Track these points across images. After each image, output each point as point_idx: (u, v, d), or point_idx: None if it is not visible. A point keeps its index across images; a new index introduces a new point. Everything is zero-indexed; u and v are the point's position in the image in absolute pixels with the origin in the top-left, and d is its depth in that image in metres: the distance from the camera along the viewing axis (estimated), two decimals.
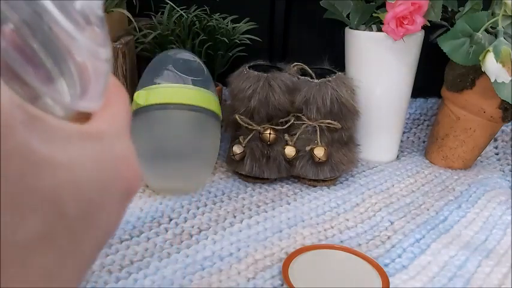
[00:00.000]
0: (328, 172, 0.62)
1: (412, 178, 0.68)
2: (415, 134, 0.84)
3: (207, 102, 0.56)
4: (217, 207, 0.57)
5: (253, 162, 0.62)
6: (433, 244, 0.51)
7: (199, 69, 0.59)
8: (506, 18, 0.60)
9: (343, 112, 0.61)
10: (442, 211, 0.59)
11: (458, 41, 0.62)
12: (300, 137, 0.62)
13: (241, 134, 0.63)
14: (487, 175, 0.71)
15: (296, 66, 0.65)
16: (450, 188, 0.66)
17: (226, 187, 0.62)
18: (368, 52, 0.68)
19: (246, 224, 0.53)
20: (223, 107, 0.64)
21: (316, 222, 0.55)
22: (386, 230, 0.54)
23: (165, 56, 0.59)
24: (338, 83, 0.62)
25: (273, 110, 0.61)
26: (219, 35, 0.71)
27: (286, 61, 0.67)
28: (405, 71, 0.69)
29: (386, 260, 0.48)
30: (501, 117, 0.67)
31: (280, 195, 0.61)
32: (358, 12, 0.69)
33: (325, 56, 0.68)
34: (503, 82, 0.58)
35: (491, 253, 0.50)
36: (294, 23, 0.85)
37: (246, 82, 0.60)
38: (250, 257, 0.47)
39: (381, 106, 0.71)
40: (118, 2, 0.67)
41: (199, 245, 0.48)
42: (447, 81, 0.71)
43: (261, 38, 0.78)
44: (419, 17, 0.61)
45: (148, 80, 0.57)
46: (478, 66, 0.60)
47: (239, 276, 0.44)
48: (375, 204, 0.60)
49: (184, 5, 0.73)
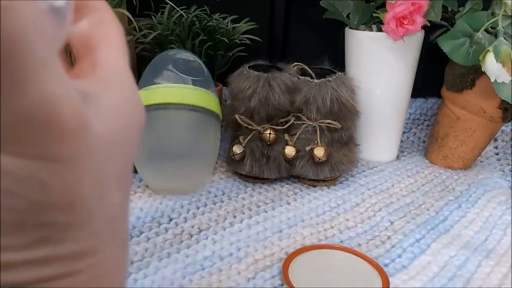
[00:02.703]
0: (328, 172, 0.62)
1: (412, 178, 0.68)
2: (415, 134, 0.84)
3: (207, 102, 0.56)
4: (217, 207, 0.57)
5: (253, 162, 0.62)
6: (433, 244, 0.51)
7: (199, 69, 0.59)
8: (506, 18, 0.60)
9: (343, 112, 0.61)
10: (442, 211, 0.59)
11: (458, 41, 0.62)
12: (300, 137, 0.62)
13: (241, 134, 0.63)
14: (487, 175, 0.71)
15: (296, 66, 0.65)
16: (450, 188, 0.66)
17: (226, 187, 0.62)
18: (368, 52, 0.68)
19: (246, 224, 0.53)
20: (223, 107, 0.64)
21: (316, 222, 0.55)
22: (386, 230, 0.54)
23: (165, 56, 0.59)
24: (338, 83, 0.62)
25: (273, 110, 0.61)
26: (219, 35, 0.71)
27: (286, 61, 0.67)
28: (405, 71, 0.69)
29: (386, 260, 0.48)
30: (501, 117, 0.67)
31: (280, 195, 0.61)
32: (358, 12, 0.69)
33: (325, 56, 0.68)
34: (503, 82, 0.58)
35: (491, 253, 0.50)
36: (294, 23, 0.85)
37: (246, 82, 0.60)
38: (250, 257, 0.47)
39: (380, 106, 0.71)
40: (118, 2, 0.67)
41: (199, 245, 0.48)
42: (447, 81, 0.71)
43: (261, 38, 0.78)
44: (419, 17, 0.61)
45: (148, 80, 0.56)
46: (478, 66, 0.60)
47: (239, 276, 0.44)
48: (375, 204, 0.60)
49: (184, 5, 0.73)
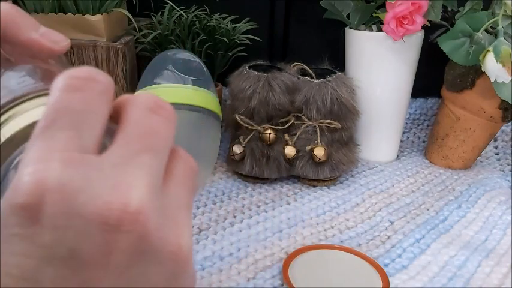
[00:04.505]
0: (328, 172, 0.62)
1: (412, 178, 0.68)
2: (415, 134, 0.84)
3: (207, 102, 0.56)
4: (217, 207, 0.57)
5: (253, 162, 0.62)
6: (433, 244, 0.51)
7: (199, 69, 0.59)
8: (506, 18, 0.60)
9: (343, 112, 0.61)
10: (442, 211, 0.59)
11: (458, 41, 0.62)
12: (300, 137, 0.62)
13: (241, 134, 0.63)
14: (487, 175, 0.71)
15: (296, 66, 0.65)
16: (450, 188, 0.66)
17: (226, 187, 0.62)
18: (368, 52, 0.68)
19: (246, 224, 0.53)
20: (223, 107, 0.64)
21: (316, 222, 0.55)
22: (386, 230, 0.54)
23: (165, 56, 0.59)
24: (338, 83, 0.62)
25: (273, 110, 0.61)
26: (219, 35, 0.71)
27: (286, 61, 0.67)
28: (405, 71, 0.69)
29: (386, 260, 0.48)
30: (501, 117, 0.67)
31: (280, 195, 0.61)
32: (358, 12, 0.69)
33: (325, 56, 0.68)
34: (503, 82, 0.58)
35: (491, 253, 0.50)
36: (294, 23, 0.85)
37: (246, 82, 0.60)
38: (250, 257, 0.47)
39: (380, 106, 0.71)
40: (118, 2, 0.67)
41: (199, 245, 0.48)
42: (447, 81, 0.70)
43: (261, 38, 0.78)
44: (419, 17, 0.61)
45: (148, 80, 0.56)
46: (478, 66, 0.60)
47: (239, 276, 0.44)
48: (375, 204, 0.60)
49: (184, 5, 0.73)
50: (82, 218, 0.15)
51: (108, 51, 0.63)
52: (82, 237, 0.15)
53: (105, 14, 0.65)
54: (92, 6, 0.64)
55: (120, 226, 0.15)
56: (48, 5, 0.63)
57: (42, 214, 0.15)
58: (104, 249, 0.16)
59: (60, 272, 0.15)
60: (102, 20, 0.64)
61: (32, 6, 0.64)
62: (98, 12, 0.64)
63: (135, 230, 0.16)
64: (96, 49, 0.63)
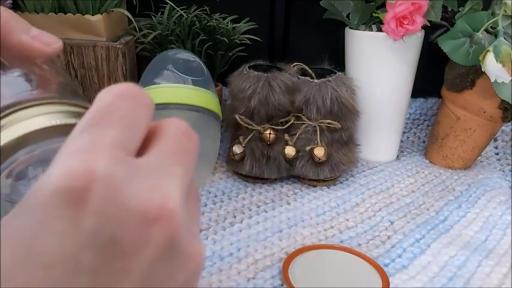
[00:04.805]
0: (328, 172, 0.62)
1: (412, 178, 0.68)
2: (415, 134, 0.84)
3: (207, 102, 0.56)
4: (217, 207, 0.57)
5: (253, 162, 0.62)
6: (433, 244, 0.51)
7: (199, 69, 0.59)
8: (506, 18, 0.60)
9: (343, 112, 0.61)
10: (442, 211, 0.59)
11: (458, 41, 0.62)
12: (300, 137, 0.62)
13: (241, 134, 0.63)
14: (487, 175, 0.71)
15: (296, 66, 0.65)
16: (450, 188, 0.66)
17: (226, 187, 0.62)
18: (368, 52, 0.68)
19: (246, 224, 0.53)
20: (223, 107, 0.64)
21: (316, 222, 0.55)
22: (386, 230, 0.54)
23: (165, 56, 0.59)
24: (338, 83, 0.62)
25: (273, 110, 0.61)
26: (219, 35, 0.71)
27: (286, 61, 0.67)
28: (405, 71, 0.69)
29: (386, 260, 0.48)
30: (501, 117, 0.67)
31: (280, 195, 0.61)
32: (358, 12, 0.69)
33: (325, 56, 0.68)
34: (503, 82, 0.58)
35: (491, 253, 0.50)
36: (294, 23, 0.85)
37: (246, 82, 0.60)
38: (250, 257, 0.47)
39: (380, 106, 0.71)
40: (118, 2, 0.67)
41: None
42: (447, 81, 0.71)
43: (261, 38, 0.78)
44: (419, 17, 0.61)
45: (148, 80, 0.56)
46: (478, 66, 0.60)
47: (239, 276, 0.44)
48: (375, 204, 0.60)
49: (184, 5, 0.73)
50: (124, 209, 0.17)
51: (108, 51, 0.63)
52: (123, 227, 0.17)
53: (105, 14, 0.65)
54: (92, 6, 0.64)
55: (158, 221, 0.17)
56: (48, 5, 0.63)
57: (87, 200, 0.16)
58: (140, 240, 0.17)
59: (99, 258, 0.16)
60: (102, 20, 0.64)
61: (32, 6, 0.64)
62: (98, 12, 0.64)
63: (169, 226, 0.17)
64: (96, 49, 0.63)
